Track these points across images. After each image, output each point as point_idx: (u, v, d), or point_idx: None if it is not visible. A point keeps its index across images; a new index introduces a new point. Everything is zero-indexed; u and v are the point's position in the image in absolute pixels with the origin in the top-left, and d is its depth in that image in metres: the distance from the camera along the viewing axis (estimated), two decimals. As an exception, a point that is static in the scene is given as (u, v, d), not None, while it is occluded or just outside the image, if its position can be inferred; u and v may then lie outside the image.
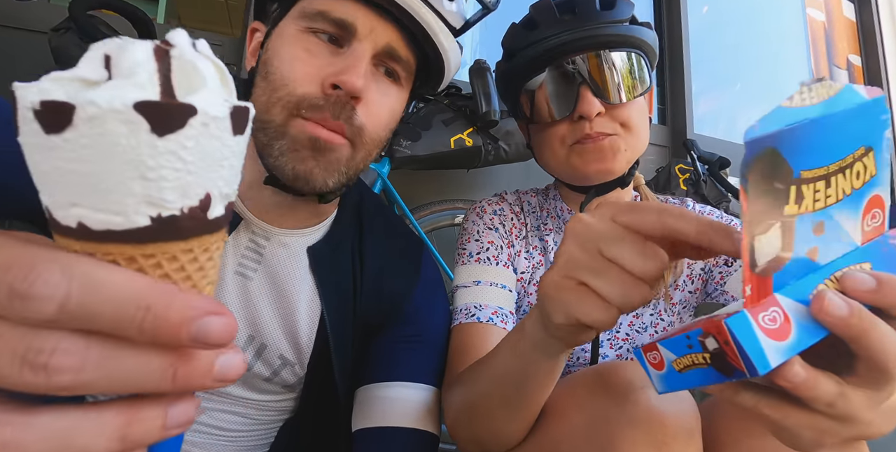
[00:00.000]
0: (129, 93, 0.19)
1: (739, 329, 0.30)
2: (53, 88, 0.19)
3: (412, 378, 0.67)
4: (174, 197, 0.20)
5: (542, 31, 0.77)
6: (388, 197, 1.64)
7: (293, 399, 0.71)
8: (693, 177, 1.96)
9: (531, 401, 0.55)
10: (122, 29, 1.17)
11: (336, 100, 0.57)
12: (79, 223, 0.19)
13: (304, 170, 0.58)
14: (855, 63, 3.61)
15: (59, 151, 0.19)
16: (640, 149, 0.80)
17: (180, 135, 0.19)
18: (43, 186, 0.20)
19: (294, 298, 0.66)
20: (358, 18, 0.59)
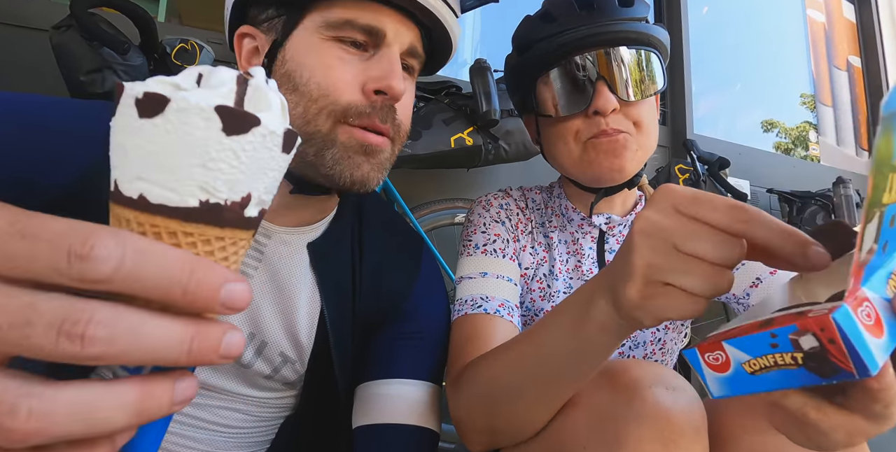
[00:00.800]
0: (213, 98, 0.23)
1: (847, 324, 0.28)
2: (155, 85, 0.23)
3: (412, 375, 0.67)
4: (223, 188, 0.24)
5: (561, 25, 0.77)
6: (389, 195, 1.64)
7: (294, 396, 0.71)
8: (693, 177, 1.97)
9: (578, 382, 0.53)
10: (124, 27, 1.17)
11: (382, 105, 0.60)
12: (140, 195, 0.23)
13: (362, 176, 0.60)
14: (855, 64, 3.62)
15: (143, 132, 0.23)
16: (651, 149, 0.80)
17: (242, 139, 0.24)
18: (118, 161, 0.24)
19: (294, 296, 0.66)
20: (385, 23, 0.60)
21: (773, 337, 0.31)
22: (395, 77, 0.59)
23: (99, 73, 1.14)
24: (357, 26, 0.59)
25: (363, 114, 0.59)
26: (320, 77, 0.59)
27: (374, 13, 0.60)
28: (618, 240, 0.85)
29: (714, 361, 0.34)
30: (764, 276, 0.76)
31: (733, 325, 0.36)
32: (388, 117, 0.60)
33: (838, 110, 3.56)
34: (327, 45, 0.60)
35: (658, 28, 0.78)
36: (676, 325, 0.85)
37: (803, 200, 2.50)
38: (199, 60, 1.32)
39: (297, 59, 0.60)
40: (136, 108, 0.23)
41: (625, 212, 0.87)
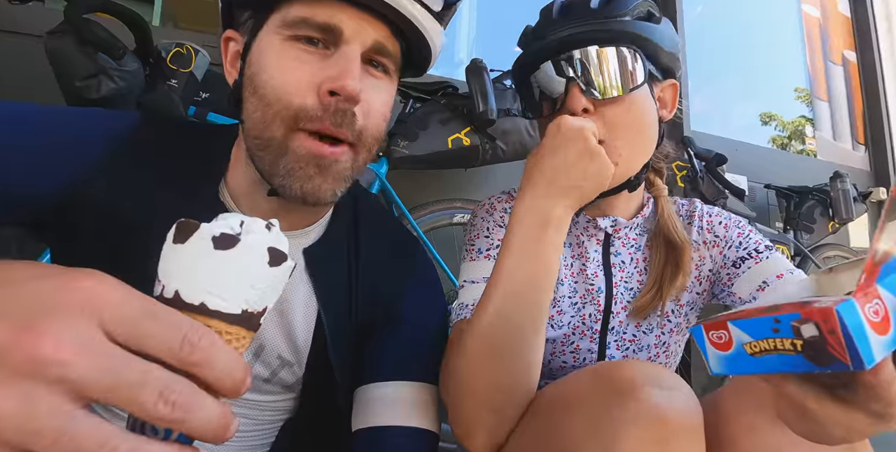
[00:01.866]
0: (264, 241, 0.33)
1: (850, 317, 0.28)
2: (222, 228, 0.32)
3: (410, 377, 0.67)
4: (256, 301, 0.32)
5: (541, 31, 0.79)
6: (387, 197, 1.64)
7: (293, 399, 0.71)
8: (690, 174, 1.97)
9: (549, 291, 0.65)
10: (119, 32, 1.17)
11: (336, 109, 0.57)
12: (201, 303, 0.31)
13: (312, 188, 0.59)
14: (850, 59, 3.62)
15: (215, 260, 0.31)
16: (637, 155, 0.77)
17: (277, 269, 0.33)
18: (183, 275, 0.31)
19: (290, 299, 0.66)
20: (343, 20, 0.58)
21: (777, 322, 0.32)
22: (348, 76, 0.56)
23: (94, 79, 1.13)
24: (313, 24, 0.58)
25: (314, 117, 0.56)
26: (276, 79, 0.57)
27: (331, 10, 0.58)
28: (623, 243, 0.85)
29: (717, 339, 0.36)
30: (771, 280, 0.76)
31: (742, 308, 0.37)
32: (345, 121, 0.57)
33: (834, 105, 3.57)
34: (286, 46, 0.58)
35: (641, 23, 0.76)
36: (681, 328, 0.85)
37: (801, 195, 2.50)
38: (195, 64, 1.32)
39: (259, 61, 0.60)
40: (213, 243, 0.31)
41: (630, 215, 0.86)
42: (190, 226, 0.31)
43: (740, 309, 0.37)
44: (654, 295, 0.80)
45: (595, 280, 0.83)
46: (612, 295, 0.82)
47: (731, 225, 0.85)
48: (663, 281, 0.81)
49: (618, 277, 0.83)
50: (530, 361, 0.63)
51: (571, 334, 0.82)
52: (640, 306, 0.81)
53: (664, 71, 0.82)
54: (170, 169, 0.64)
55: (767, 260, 0.79)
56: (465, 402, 0.63)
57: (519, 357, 0.63)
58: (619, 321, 0.82)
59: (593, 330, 0.82)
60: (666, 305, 0.82)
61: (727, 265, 0.82)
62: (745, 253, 0.81)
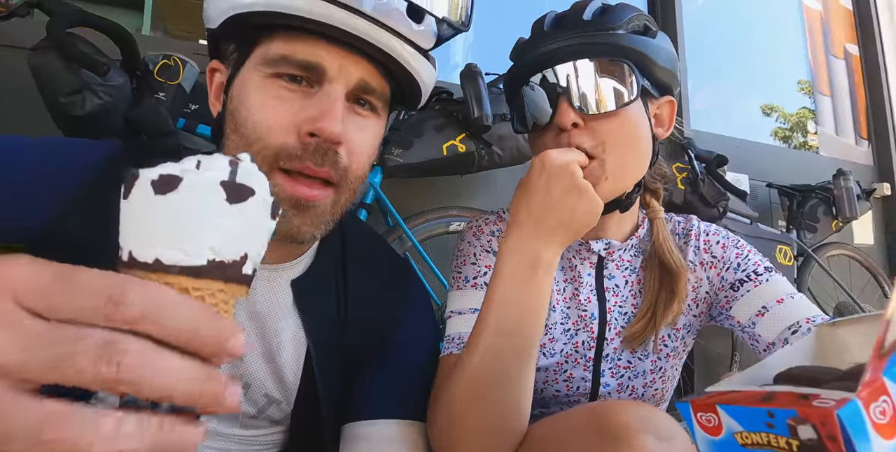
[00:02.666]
0: (217, 176, 0.28)
1: (853, 425, 0.26)
2: (167, 169, 0.28)
3: (399, 415, 0.65)
4: (226, 248, 0.28)
5: (532, 43, 0.76)
6: (381, 207, 1.62)
7: (282, 432, 0.70)
8: (691, 176, 1.94)
9: (540, 328, 0.64)
10: (104, 46, 1.15)
11: (316, 148, 0.55)
12: (155, 259, 0.27)
13: (289, 229, 0.57)
14: (852, 52, 3.58)
15: (159, 207, 0.27)
16: (629, 172, 0.75)
17: (242, 206, 0.29)
18: (132, 234, 0.28)
19: (278, 334, 0.64)
20: (325, 58, 0.56)
21: (771, 416, 0.29)
22: (328, 118, 0.54)
23: (79, 95, 1.11)
24: (294, 62, 0.56)
25: (294, 157, 0.55)
26: (256, 117, 0.56)
27: (313, 48, 0.56)
28: (617, 266, 0.82)
29: (706, 423, 0.33)
30: (770, 305, 0.73)
31: (735, 386, 0.35)
32: (327, 160, 0.56)
33: (837, 99, 3.53)
34: (266, 83, 0.57)
35: (635, 36, 0.74)
36: (678, 352, 0.83)
37: (804, 194, 2.47)
38: (183, 76, 1.30)
39: (240, 97, 0.58)
40: (153, 188, 0.27)
41: (624, 236, 0.84)
42: (132, 177, 0.28)
43: (731, 388, 0.34)
44: (647, 323, 0.78)
45: (588, 305, 0.80)
46: (606, 322, 0.80)
47: (729, 245, 0.82)
48: (657, 308, 0.78)
49: (612, 302, 0.81)
50: (520, 403, 0.62)
51: (564, 362, 0.80)
52: (632, 334, 0.78)
53: (660, 87, 0.79)
54: None
55: (767, 284, 0.76)
56: (454, 444, 0.62)
57: (508, 399, 0.61)
58: (614, 348, 0.80)
59: (587, 357, 0.80)
60: (660, 331, 0.80)
61: (725, 287, 0.80)
62: (743, 276, 0.78)
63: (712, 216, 1.90)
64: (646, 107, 0.77)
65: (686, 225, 0.86)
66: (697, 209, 1.89)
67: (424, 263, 1.68)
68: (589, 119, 0.72)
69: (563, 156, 0.65)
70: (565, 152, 0.66)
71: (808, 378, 0.33)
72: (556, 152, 0.65)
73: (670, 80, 0.79)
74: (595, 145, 0.71)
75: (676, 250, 0.81)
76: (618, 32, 0.73)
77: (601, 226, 0.81)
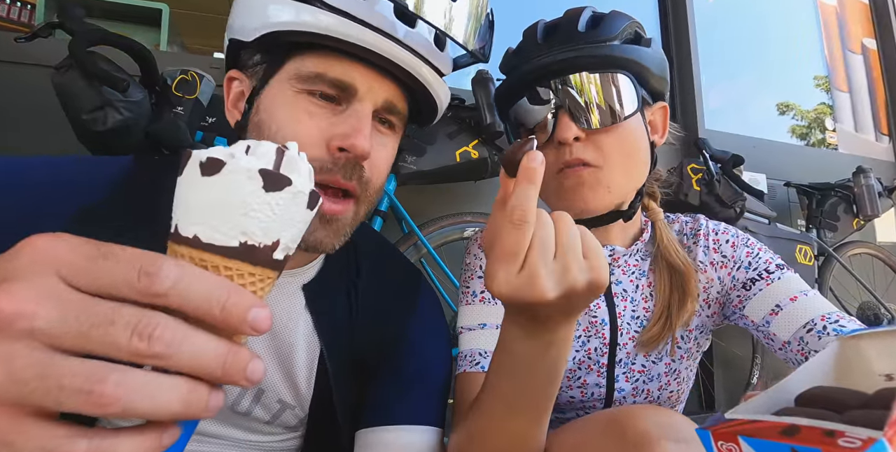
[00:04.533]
0: (257, 163, 0.30)
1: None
2: (215, 152, 0.30)
3: (412, 421, 0.66)
4: (259, 233, 0.30)
5: (525, 56, 0.76)
6: (396, 214, 1.64)
7: (297, 438, 0.71)
8: (706, 176, 1.93)
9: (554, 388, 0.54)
10: (124, 63, 1.18)
11: (346, 162, 0.58)
12: (194, 235, 0.29)
13: (314, 241, 0.59)
14: (870, 47, 3.52)
15: (203, 187, 0.30)
16: (630, 182, 0.75)
17: (277, 195, 0.30)
18: (181, 208, 0.30)
19: (291, 340, 0.65)
20: (356, 78, 0.59)
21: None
22: (360, 135, 0.57)
23: (101, 111, 1.14)
24: (327, 80, 0.59)
25: (325, 170, 0.57)
26: (287, 131, 0.58)
27: (346, 68, 0.59)
28: (624, 271, 0.82)
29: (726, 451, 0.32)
30: (784, 303, 0.73)
31: (756, 413, 0.34)
32: (354, 174, 0.59)
33: (855, 95, 3.46)
34: (298, 98, 0.59)
35: (631, 47, 0.74)
36: (692, 354, 0.83)
37: (823, 192, 2.43)
38: (200, 90, 1.33)
39: (269, 110, 0.60)
40: (200, 169, 0.29)
41: (628, 242, 0.83)
42: (186, 154, 0.30)
43: (751, 417, 0.34)
44: (663, 326, 0.78)
45: (598, 312, 0.80)
46: (618, 327, 0.80)
47: (738, 243, 0.82)
48: (671, 310, 0.78)
49: (621, 307, 0.81)
50: (537, 441, 0.59)
51: (577, 369, 0.80)
52: (649, 338, 0.78)
53: (654, 94, 0.79)
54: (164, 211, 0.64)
55: (779, 282, 0.75)
56: None
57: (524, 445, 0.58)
58: (627, 352, 0.80)
59: (600, 363, 0.80)
60: (674, 332, 0.79)
61: (737, 287, 0.79)
62: (755, 275, 0.77)
63: (729, 216, 1.88)
64: (643, 115, 0.77)
65: (694, 225, 0.86)
66: (714, 210, 1.87)
67: (440, 269, 1.68)
68: (590, 132, 0.72)
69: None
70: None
71: (831, 401, 0.33)
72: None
73: (663, 87, 0.79)
74: (597, 157, 0.72)
75: (682, 250, 0.81)
76: (613, 43, 0.73)
77: (605, 235, 0.81)
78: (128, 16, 2.20)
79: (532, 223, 0.43)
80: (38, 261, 0.26)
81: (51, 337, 0.25)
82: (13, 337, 0.24)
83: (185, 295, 0.27)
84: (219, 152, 0.30)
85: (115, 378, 0.25)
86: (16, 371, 0.24)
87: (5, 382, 0.24)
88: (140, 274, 0.26)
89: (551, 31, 0.77)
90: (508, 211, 0.43)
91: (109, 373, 0.25)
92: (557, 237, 0.43)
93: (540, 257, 0.42)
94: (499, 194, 0.46)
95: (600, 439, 0.55)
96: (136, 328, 0.25)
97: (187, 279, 0.27)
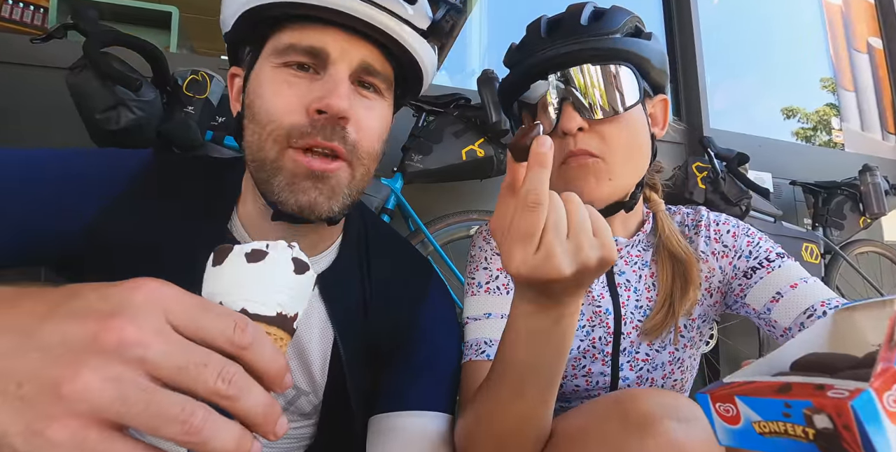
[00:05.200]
0: (288, 253, 0.38)
1: (867, 414, 0.26)
2: (254, 245, 0.37)
3: (424, 406, 0.67)
4: (289, 306, 0.37)
5: (528, 50, 0.78)
6: (403, 212, 1.65)
7: (312, 426, 0.72)
8: (711, 174, 1.93)
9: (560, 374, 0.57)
10: (136, 63, 1.20)
11: (324, 123, 0.59)
12: (242, 308, 0.35)
13: (308, 201, 0.60)
14: (875, 46, 3.51)
15: (247, 271, 0.36)
16: (632, 173, 0.77)
17: (303, 276, 0.39)
18: (226, 289, 0.36)
19: (305, 327, 0.67)
20: (327, 43, 0.60)
21: (787, 407, 0.30)
22: (335, 94, 0.58)
23: (114, 111, 1.17)
24: (299, 49, 0.60)
25: (305, 134, 0.58)
26: (269, 103, 0.60)
27: (317, 34, 0.60)
28: (626, 261, 0.83)
29: (725, 412, 0.34)
30: (784, 291, 0.74)
31: (753, 376, 0.36)
32: (335, 135, 0.59)
33: (861, 94, 3.46)
34: (277, 72, 0.61)
35: (632, 40, 0.76)
36: (695, 342, 0.84)
37: (829, 190, 2.43)
38: (210, 90, 1.35)
39: (255, 90, 0.62)
40: (245, 258, 0.37)
41: (630, 233, 0.85)
42: (226, 249, 0.37)
43: (748, 378, 0.35)
44: (666, 314, 0.79)
45: (601, 301, 0.81)
46: (621, 316, 0.81)
47: (739, 233, 0.83)
48: (674, 298, 0.79)
49: (625, 297, 0.82)
50: (539, 435, 0.60)
51: (582, 357, 0.81)
52: (652, 326, 0.79)
53: (654, 87, 0.81)
54: (181, 204, 0.66)
55: (780, 269, 0.76)
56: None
57: (526, 436, 0.60)
58: (631, 341, 0.81)
59: (604, 352, 0.81)
60: (677, 321, 0.81)
61: (738, 275, 0.80)
62: (755, 263, 0.79)
63: (735, 214, 1.88)
64: (644, 107, 0.79)
65: (695, 216, 0.87)
66: (719, 208, 1.88)
67: (446, 267, 1.70)
68: (594, 123, 0.74)
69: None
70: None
71: (824, 365, 0.34)
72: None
73: (663, 80, 0.81)
74: (601, 147, 0.73)
75: (684, 239, 0.82)
76: (615, 36, 0.75)
77: None
78: (138, 18, 2.24)
79: (546, 205, 0.45)
80: (150, 301, 0.30)
81: (155, 367, 0.28)
82: (125, 361, 0.27)
83: (259, 351, 0.32)
84: (255, 245, 0.38)
85: (202, 414, 0.28)
86: (127, 393, 0.27)
87: (115, 401, 0.26)
88: (235, 328, 0.31)
89: (555, 26, 0.78)
90: (523, 195, 0.45)
91: (198, 409, 0.28)
92: (569, 217, 0.46)
93: (555, 237, 0.45)
94: (506, 179, 0.49)
95: (604, 421, 0.56)
96: (221, 371, 0.29)
97: (260, 339, 0.33)
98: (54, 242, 0.61)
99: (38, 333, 0.28)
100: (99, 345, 0.27)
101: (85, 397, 0.26)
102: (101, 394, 0.26)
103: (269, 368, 0.32)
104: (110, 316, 0.28)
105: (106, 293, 0.30)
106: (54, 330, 0.28)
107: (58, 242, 0.61)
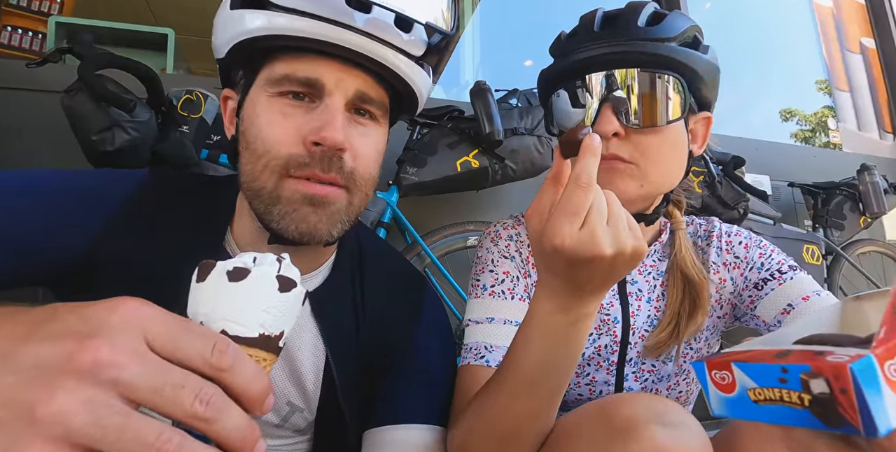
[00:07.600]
0: (273, 271, 0.37)
1: (866, 378, 0.26)
2: (237, 262, 0.37)
3: (417, 420, 0.67)
4: (273, 326, 0.36)
5: (579, 42, 0.73)
6: (399, 225, 1.65)
7: (306, 442, 0.72)
8: (708, 178, 1.93)
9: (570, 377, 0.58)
10: (131, 85, 1.22)
11: (321, 155, 0.59)
12: (222, 329, 0.34)
13: (308, 228, 0.60)
14: (868, 46, 3.52)
15: (228, 291, 0.35)
16: (662, 185, 0.73)
17: (288, 295, 0.37)
18: (206, 309, 0.35)
19: (297, 345, 0.67)
20: (323, 74, 0.60)
21: (784, 372, 0.30)
22: (331, 127, 0.58)
23: (109, 132, 1.18)
24: (295, 80, 0.60)
25: (303, 164, 0.59)
26: (265, 133, 0.60)
27: (311, 65, 0.60)
28: (640, 271, 0.82)
29: (720, 380, 0.34)
30: (796, 303, 0.72)
31: (753, 346, 0.35)
32: (333, 166, 0.59)
33: (856, 94, 3.46)
34: (273, 102, 0.61)
35: (688, 51, 0.71)
36: (702, 354, 0.82)
37: (828, 191, 2.43)
38: (205, 109, 1.36)
39: (250, 118, 0.62)
40: (227, 276, 0.36)
41: (646, 244, 0.83)
42: (208, 265, 0.36)
43: (747, 348, 0.35)
44: (670, 334, 0.77)
45: (611, 310, 0.80)
46: (630, 326, 0.79)
47: (751, 245, 0.81)
48: (680, 319, 0.78)
49: (635, 306, 0.80)
50: (542, 432, 0.60)
51: (587, 365, 0.80)
52: (655, 344, 0.78)
53: (701, 103, 0.76)
54: (177, 223, 0.66)
55: (792, 282, 0.75)
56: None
57: (529, 435, 0.60)
58: (637, 352, 0.80)
59: (609, 361, 0.80)
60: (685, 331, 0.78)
61: (749, 287, 0.79)
62: (767, 275, 0.77)
63: (732, 218, 1.88)
64: (686, 123, 0.74)
65: (708, 226, 0.86)
66: (717, 212, 1.87)
67: (444, 279, 1.70)
68: (631, 131, 0.70)
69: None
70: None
71: (826, 342, 0.34)
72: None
73: (712, 97, 0.76)
74: (634, 155, 0.70)
75: (698, 262, 0.80)
76: (671, 44, 0.70)
77: None
78: (135, 41, 2.28)
79: (594, 188, 0.48)
80: (128, 322, 0.30)
81: (130, 389, 0.28)
82: (99, 383, 0.27)
83: (239, 374, 0.32)
84: (237, 262, 0.37)
85: (177, 440, 0.28)
86: (101, 417, 0.26)
87: (88, 425, 0.26)
88: (214, 349, 0.31)
89: (610, 22, 0.74)
90: (574, 176, 0.48)
91: (174, 435, 0.28)
92: (609, 207, 0.49)
93: (599, 218, 0.48)
94: (551, 171, 0.53)
95: (591, 426, 0.55)
96: (199, 393, 0.29)
97: (241, 361, 0.32)
98: (55, 258, 0.61)
99: (14, 356, 0.28)
100: (74, 366, 0.27)
101: (59, 419, 0.26)
102: (75, 417, 0.26)
103: (249, 390, 0.32)
104: (87, 336, 0.28)
105: (84, 314, 0.30)
106: (29, 353, 0.28)
107: (59, 257, 0.61)
